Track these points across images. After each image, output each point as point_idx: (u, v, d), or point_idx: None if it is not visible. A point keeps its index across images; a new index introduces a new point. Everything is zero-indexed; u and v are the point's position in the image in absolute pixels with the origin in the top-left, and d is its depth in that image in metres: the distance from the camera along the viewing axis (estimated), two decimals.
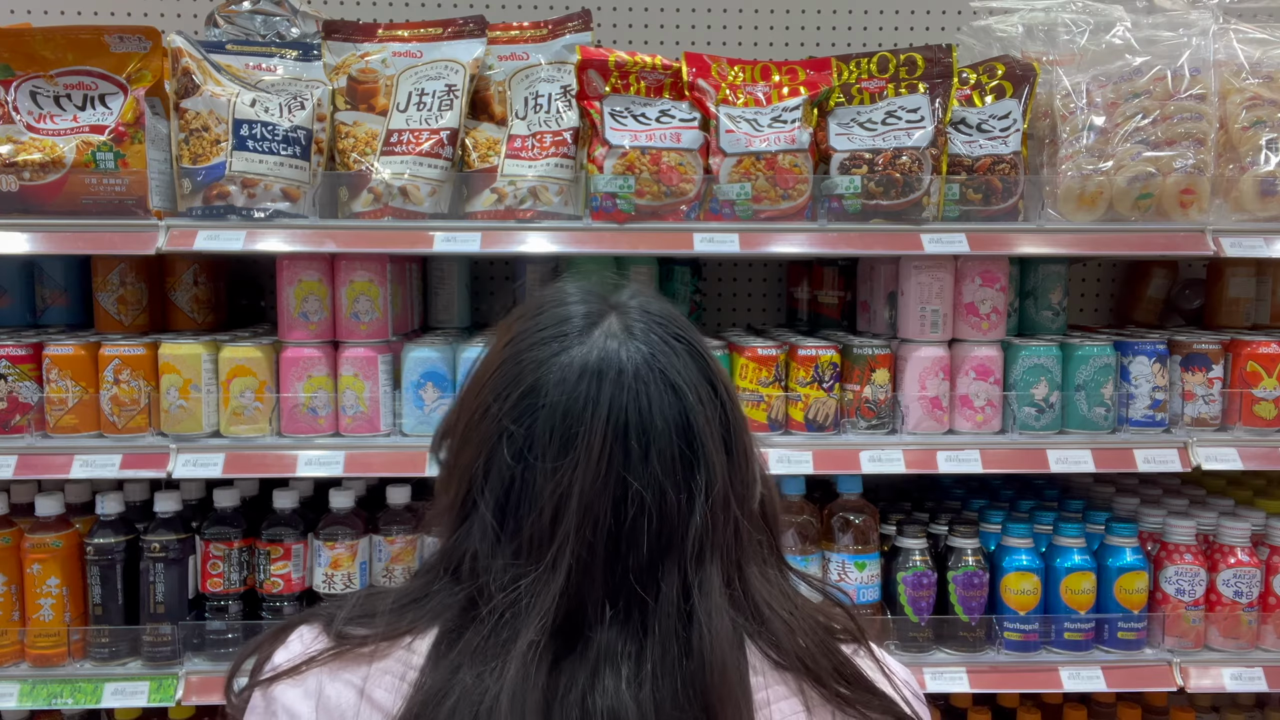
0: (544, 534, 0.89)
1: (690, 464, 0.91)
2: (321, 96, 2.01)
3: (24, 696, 1.92)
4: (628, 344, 0.93)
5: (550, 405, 0.90)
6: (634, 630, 0.89)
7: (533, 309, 0.99)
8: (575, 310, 0.97)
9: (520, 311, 1.00)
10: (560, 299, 0.99)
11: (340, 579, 2.02)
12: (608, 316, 0.96)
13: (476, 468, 0.93)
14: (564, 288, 1.02)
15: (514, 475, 0.91)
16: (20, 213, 1.91)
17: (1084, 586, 2.03)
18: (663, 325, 0.96)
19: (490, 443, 0.92)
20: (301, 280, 2.01)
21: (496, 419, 0.92)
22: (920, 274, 2.07)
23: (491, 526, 0.91)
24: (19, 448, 1.93)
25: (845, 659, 0.96)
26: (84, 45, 1.96)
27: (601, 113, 2.00)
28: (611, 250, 1.98)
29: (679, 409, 0.91)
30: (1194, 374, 2.10)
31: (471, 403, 0.96)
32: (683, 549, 0.90)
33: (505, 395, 0.93)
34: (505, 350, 0.96)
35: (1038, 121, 2.12)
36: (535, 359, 0.93)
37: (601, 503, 0.88)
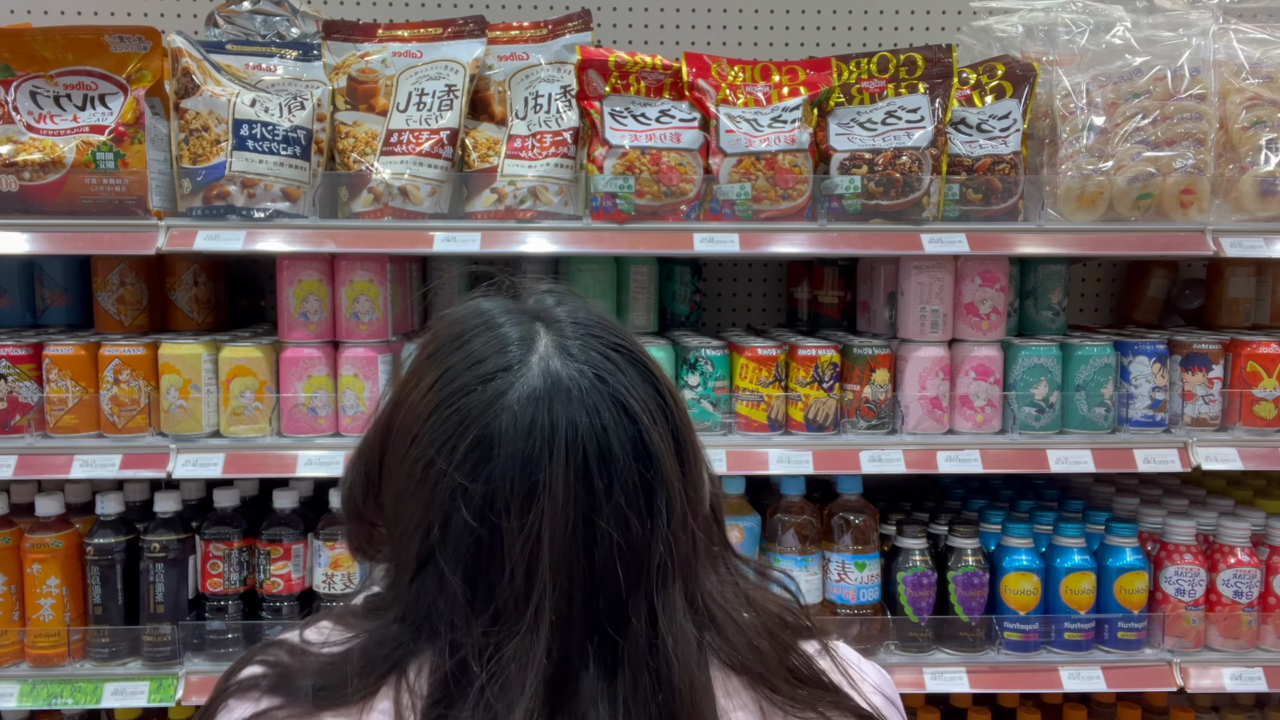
0: (520, 593, 0.83)
1: (650, 489, 0.86)
2: (321, 96, 2.01)
3: (24, 696, 1.92)
4: (569, 366, 0.86)
5: (508, 456, 0.83)
6: (607, 668, 0.85)
7: (453, 339, 0.90)
8: (505, 335, 0.89)
9: (438, 341, 0.92)
10: (484, 321, 0.91)
11: (340, 579, 2.02)
12: (539, 335, 0.89)
13: (430, 528, 0.85)
14: (481, 306, 0.94)
15: (478, 536, 0.84)
16: (20, 213, 1.91)
17: (1084, 586, 2.03)
18: (598, 337, 0.90)
19: (443, 502, 0.84)
20: (301, 280, 2.01)
21: (445, 475, 0.84)
22: (920, 274, 2.07)
23: (462, 593, 0.84)
24: (19, 448, 1.93)
25: (804, 658, 0.94)
26: (84, 45, 1.96)
27: (601, 113, 2.00)
28: (611, 250, 1.98)
29: (634, 432, 0.86)
30: (1194, 374, 2.10)
31: (406, 453, 0.88)
32: (649, 577, 0.86)
33: (451, 448, 0.84)
34: (432, 394, 0.87)
35: (1038, 121, 2.12)
36: (477, 403, 0.85)
37: (573, 549, 0.83)
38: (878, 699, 0.96)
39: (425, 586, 0.86)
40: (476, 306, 0.94)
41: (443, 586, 0.85)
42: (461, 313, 0.94)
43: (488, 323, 0.91)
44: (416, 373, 0.91)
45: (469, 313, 0.93)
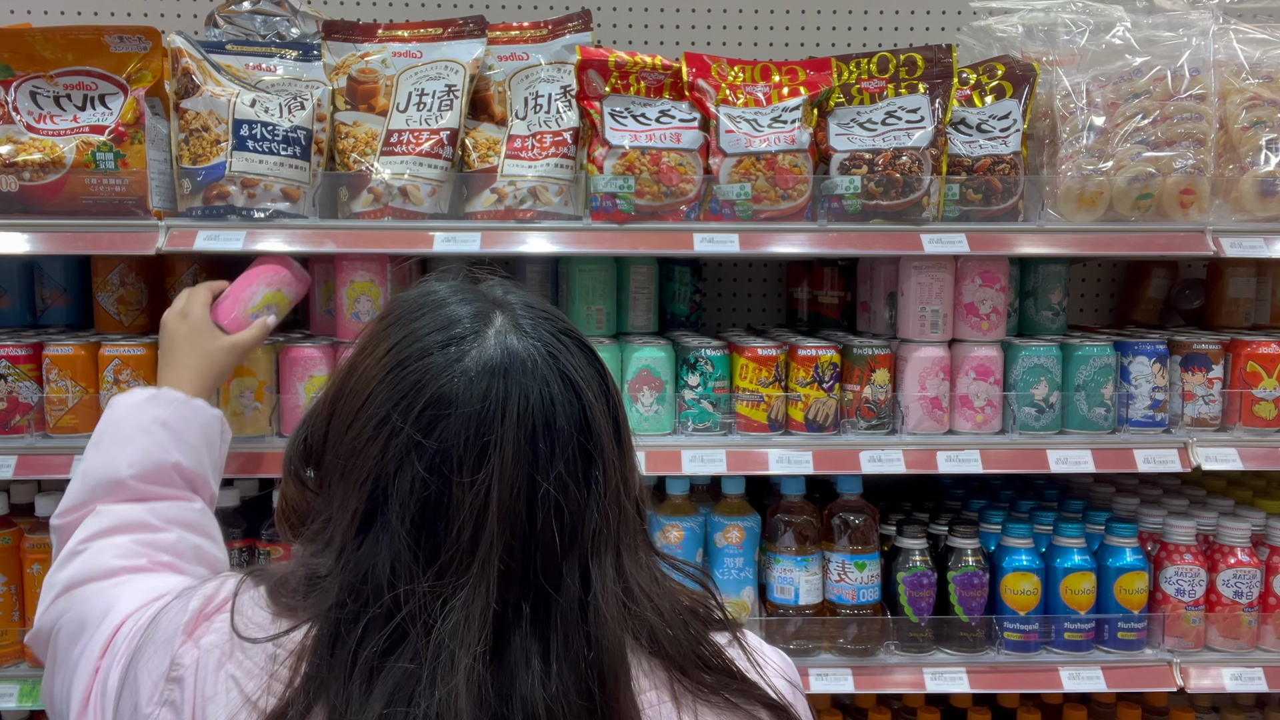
0: (465, 548, 0.87)
1: (589, 459, 0.92)
2: (321, 97, 2.01)
3: (24, 696, 1.92)
4: (524, 341, 0.92)
5: (462, 415, 0.88)
6: (540, 627, 0.89)
7: (409, 311, 0.96)
8: (460, 311, 0.95)
9: (393, 315, 0.97)
10: (439, 299, 0.97)
11: None
12: (494, 314, 0.95)
13: (378, 483, 0.90)
14: (434, 287, 1.00)
15: (429, 491, 0.88)
16: (20, 213, 1.91)
17: (1084, 587, 2.03)
18: (548, 320, 0.97)
19: (397, 457, 0.89)
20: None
21: (400, 431, 0.89)
22: (920, 274, 2.07)
23: (407, 545, 0.88)
24: (19, 448, 1.93)
25: (713, 648, 0.98)
26: (84, 45, 1.96)
27: (601, 113, 2.00)
28: (611, 250, 1.98)
29: (578, 407, 0.92)
30: (1194, 374, 2.10)
31: (355, 414, 0.92)
32: (583, 541, 0.92)
33: (407, 406, 0.89)
34: (389, 357, 0.92)
35: (1038, 122, 2.12)
36: (433, 365, 0.91)
37: (518, 508, 0.88)
38: (781, 683, 1.01)
39: (372, 549, 0.89)
40: (430, 287, 1.00)
41: (390, 542, 0.88)
42: (416, 292, 1.00)
43: (443, 300, 0.97)
44: (371, 341, 0.96)
45: (423, 292, 1.00)
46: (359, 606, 0.89)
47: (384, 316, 0.99)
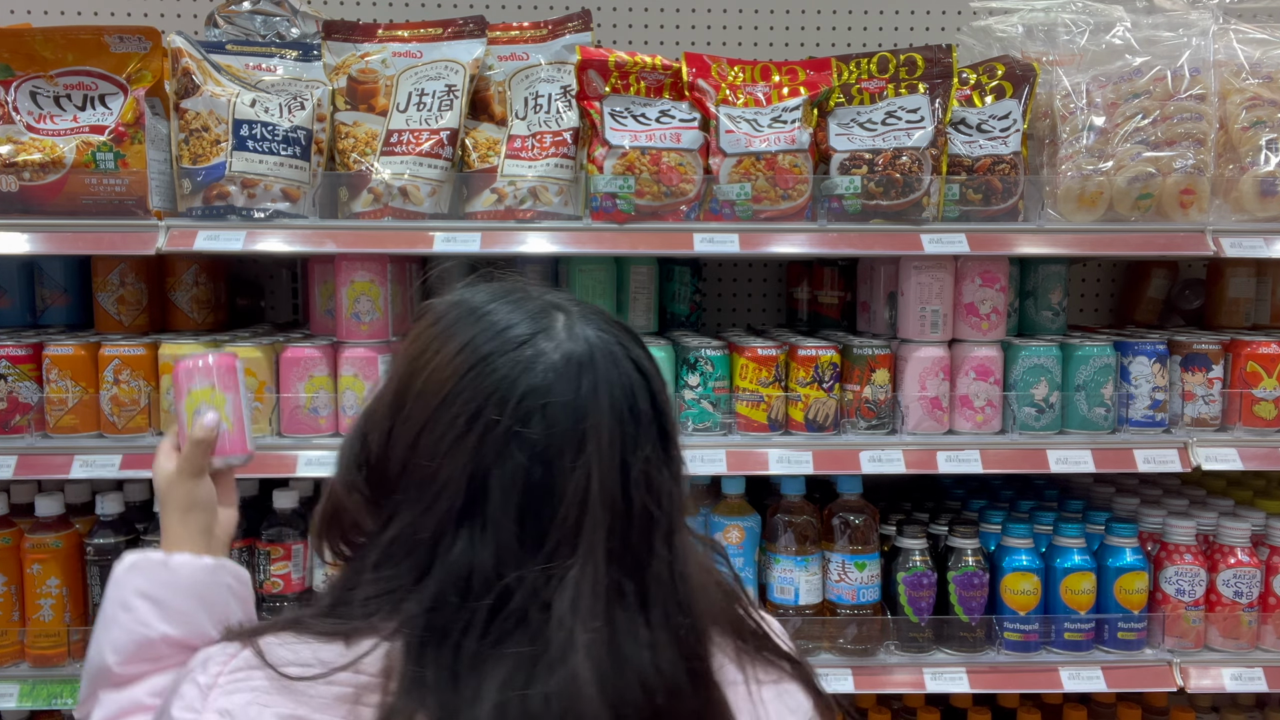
0: (570, 530, 0.91)
1: (667, 439, 0.98)
2: (321, 97, 2.01)
3: (24, 697, 1.92)
4: (594, 334, 0.97)
5: (559, 404, 0.92)
6: (642, 600, 0.93)
7: (469, 312, 0.98)
8: (523, 309, 0.98)
9: (451, 317, 0.99)
10: (493, 298, 1.00)
11: None
12: (555, 312, 0.98)
13: (474, 477, 0.91)
14: (483, 289, 1.02)
15: (533, 478, 0.91)
16: (20, 213, 1.91)
17: (1084, 587, 2.03)
18: (601, 315, 1.01)
19: (495, 449, 0.91)
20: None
21: (495, 425, 0.91)
22: (920, 274, 2.07)
23: (514, 534, 0.91)
24: (19, 448, 1.93)
25: (746, 611, 1.07)
26: (84, 45, 1.96)
27: (601, 113, 2.00)
28: (611, 250, 1.98)
29: (649, 390, 0.97)
30: (1194, 374, 2.10)
31: (433, 414, 0.93)
32: (668, 518, 0.96)
33: (500, 399, 0.91)
34: (464, 355, 0.94)
35: (1038, 122, 2.12)
36: (520, 359, 0.93)
37: (615, 489, 0.92)
38: (787, 647, 1.10)
39: (466, 540, 0.91)
40: (479, 289, 1.02)
41: (495, 533, 0.91)
42: (466, 294, 1.01)
43: (499, 300, 1.00)
44: (433, 342, 0.97)
45: (473, 294, 1.01)
46: (461, 602, 0.90)
47: (438, 320, 0.99)
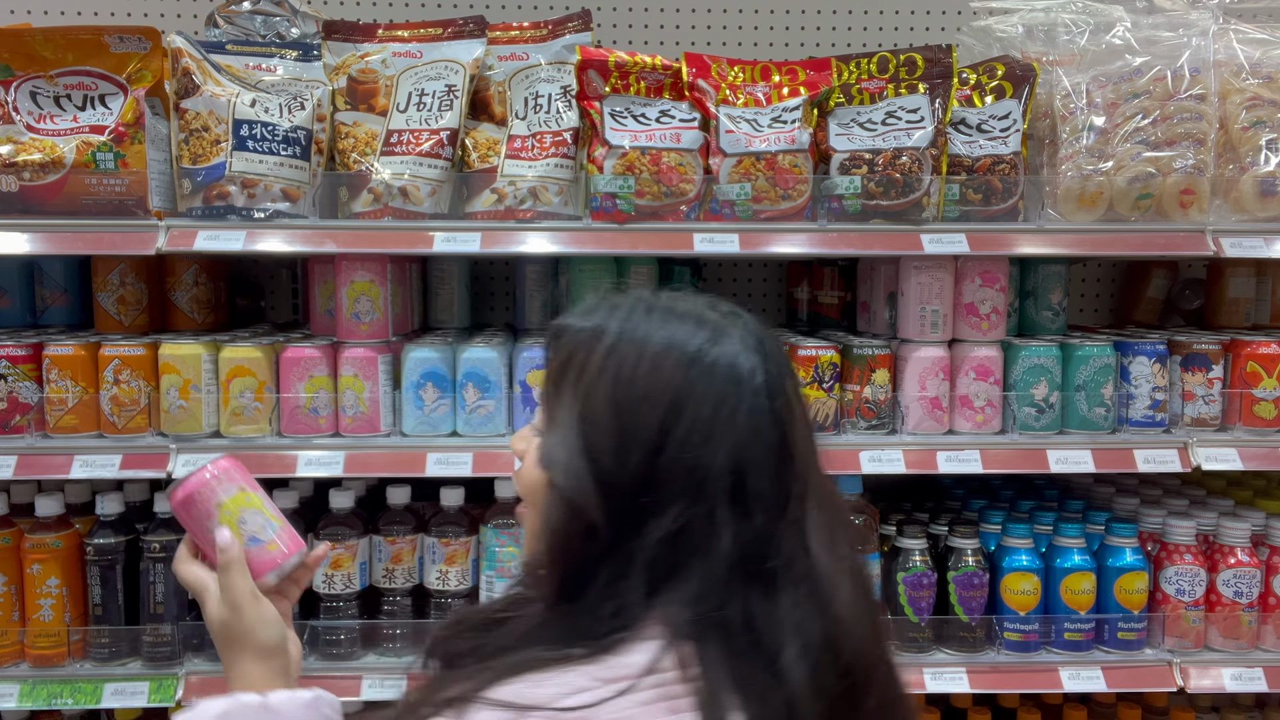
0: (800, 484, 1.00)
1: (809, 413, 1.09)
2: (321, 97, 2.01)
3: (24, 697, 1.92)
4: (754, 327, 1.07)
5: (771, 380, 1.01)
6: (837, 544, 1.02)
7: (650, 316, 1.04)
8: (686, 307, 1.05)
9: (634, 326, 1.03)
10: (658, 303, 1.06)
11: (340, 579, 2.02)
12: (709, 311, 1.05)
13: (739, 457, 0.97)
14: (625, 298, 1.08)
15: (778, 444, 1.00)
16: (20, 213, 1.91)
17: (1084, 587, 2.03)
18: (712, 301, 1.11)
19: (751, 427, 0.99)
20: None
21: (740, 406, 0.98)
22: (920, 274, 2.07)
23: (774, 498, 0.98)
24: (19, 448, 1.93)
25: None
26: (84, 45, 1.96)
27: (601, 113, 2.00)
28: (611, 250, 1.98)
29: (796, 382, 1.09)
30: (1194, 374, 2.10)
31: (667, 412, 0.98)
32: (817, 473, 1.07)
33: (736, 380, 0.99)
34: (674, 354, 1.00)
35: (1038, 122, 2.12)
36: (728, 351, 1.01)
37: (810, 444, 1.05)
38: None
39: (742, 515, 0.97)
40: (620, 302, 1.08)
41: (760, 503, 0.98)
42: (618, 308, 1.06)
43: (663, 305, 1.06)
44: (629, 356, 1.00)
45: (636, 300, 1.07)
46: (748, 575, 0.95)
47: (618, 335, 1.02)
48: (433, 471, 1.94)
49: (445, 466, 1.95)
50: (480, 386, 1.99)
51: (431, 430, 2.01)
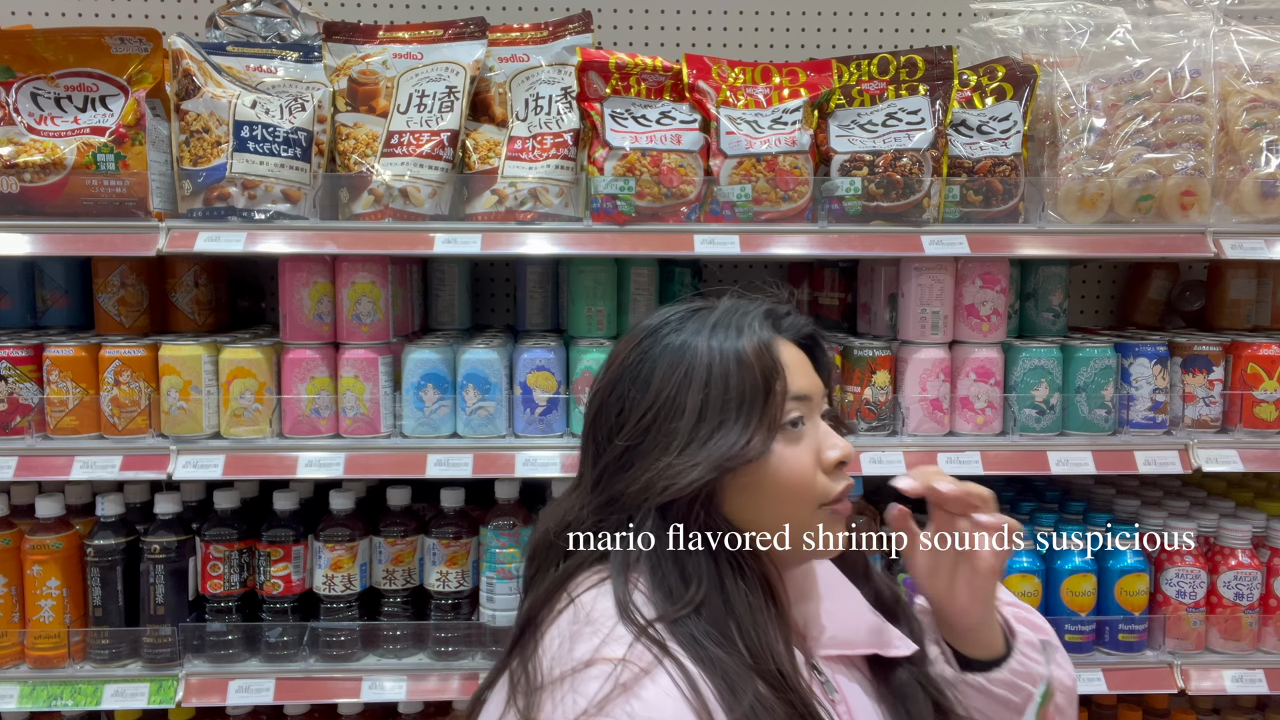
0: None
1: None
2: (322, 98, 2.01)
3: (24, 698, 1.92)
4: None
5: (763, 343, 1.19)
6: None
7: (695, 315, 1.21)
8: (712, 306, 1.24)
9: (673, 336, 1.19)
10: (696, 306, 1.23)
11: (340, 580, 2.02)
12: (718, 302, 1.25)
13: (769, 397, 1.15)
14: (686, 305, 1.25)
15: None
16: (21, 214, 1.91)
17: (1085, 588, 2.03)
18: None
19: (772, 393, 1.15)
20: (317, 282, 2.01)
21: (766, 365, 1.16)
22: (921, 275, 2.07)
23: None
24: (19, 449, 1.93)
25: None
26: (85, 47, 1.96)
27: (602, 114, 2.00)
28: (612, 252, 1.98)
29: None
30: (1194, 376, 2.10)
31: (721, 380, 1.14)
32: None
33: (777, 365, 1.16)
34: (715, 341, 1.16)
35: (1038, 123, 2.12)
36: (755, 328, 1.18)
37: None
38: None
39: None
40: (684, 306, 1.24)
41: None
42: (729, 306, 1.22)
43: (699, 307, 1.23)
44: (702, 345, 1.16)
45: (682, 308, 1.23)
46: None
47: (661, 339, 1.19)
48: (433, 473, 1.94)
49: (445, 468, 1.95)
50: (481, 388, 1.99)
51: (432, 431, 2.01)
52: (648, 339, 1.20)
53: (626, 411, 1.17)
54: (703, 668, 1.03)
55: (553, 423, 2.02)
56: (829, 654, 1.20)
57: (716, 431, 1.12)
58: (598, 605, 1.10)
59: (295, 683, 1.97)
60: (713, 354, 1.15)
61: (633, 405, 1.16)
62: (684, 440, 1.12)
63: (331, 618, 2.03)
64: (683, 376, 1.14)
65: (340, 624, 2.02)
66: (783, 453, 1.15)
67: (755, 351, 1.15)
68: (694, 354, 1.15)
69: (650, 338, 1.19)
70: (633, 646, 1.03)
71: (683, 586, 1.10)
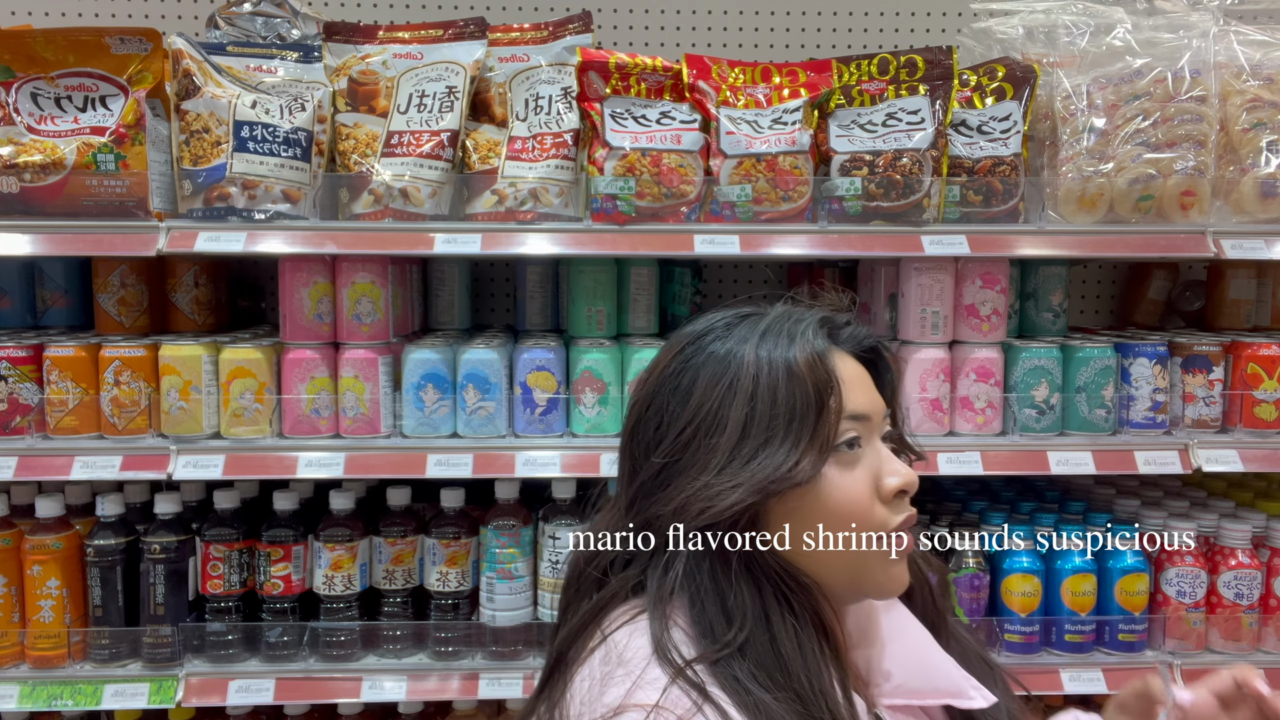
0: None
1: None
2: (322, 98, 2.01)
3: (24, 698, 1.92)
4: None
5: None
6: None
7: (745, 322, 1.13)
8: (762, 315, 1.16)
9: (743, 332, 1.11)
10: (750, 314, 1.16)
11: (340, 580, 2.02)
12: (766, 311, 1.18)
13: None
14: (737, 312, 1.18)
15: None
16: (21, 214, 1.91)
17: (1085, 588, 2.03)
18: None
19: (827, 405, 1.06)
20: (317, 282, 2.01)
21: (821, 379, 1.07)
22: (920, 276, 2.07)
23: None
24: (19, 449, 1.93)
25: None
26: (85, 47, 1.96)
27: (602, 114, 2.00)
28: (612, 252, 1.98)
29: None
30: (1194, 376, 2.10)
31: (773, 387, 1.06)
32: None
33: (811, 363, 1.07)
34: (771, 346, 1.08)
35: (1038, 123, 2.12)
36: (810, 337, 1.11)
37: None
38: None
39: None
40: (732, 312, 1.16)
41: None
42: (721, 315, 1.15)
43: (749, 312, 1.15)
44: (749, 355, 1.08)
45: (730, 313, 1.15)
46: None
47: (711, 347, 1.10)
48: (433, 473, 1.94)
49: (445, 468, 1.95)
50: (480, 388, 1.99)
51: (432, 431, 2.01)
52: (690, 346, 1.10)
53: (665, 425, 1.07)
54: (747, 715, 0.93)
55: (553, 423, 2.02)
56: (894, 703, 1.09)
57: (761, 450, 1.02)
58: (631, 644, 1.01)
59: (295, 683, 1.97)
60: (760, 364, 1.05)
61: (672, 418, 1.07)
62: (724, 458, 1.02)
63: (331, 618, 2.03)
64: (726, 388, 1.04)
65: (340, 624, 2.02)
66: (835, 477, 1.04)
67: (808, 363, 1.05)
68: (739, 364, 1.05)
69: (693, 345, 1.10)
70: (668, 691, 0.93)
71: (725, 623, 1.00)
